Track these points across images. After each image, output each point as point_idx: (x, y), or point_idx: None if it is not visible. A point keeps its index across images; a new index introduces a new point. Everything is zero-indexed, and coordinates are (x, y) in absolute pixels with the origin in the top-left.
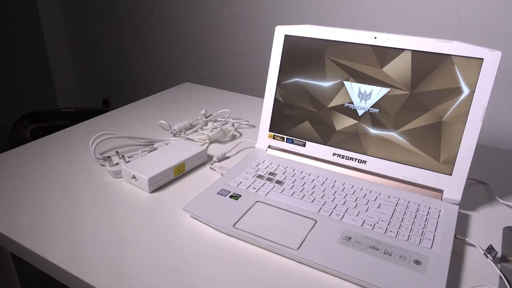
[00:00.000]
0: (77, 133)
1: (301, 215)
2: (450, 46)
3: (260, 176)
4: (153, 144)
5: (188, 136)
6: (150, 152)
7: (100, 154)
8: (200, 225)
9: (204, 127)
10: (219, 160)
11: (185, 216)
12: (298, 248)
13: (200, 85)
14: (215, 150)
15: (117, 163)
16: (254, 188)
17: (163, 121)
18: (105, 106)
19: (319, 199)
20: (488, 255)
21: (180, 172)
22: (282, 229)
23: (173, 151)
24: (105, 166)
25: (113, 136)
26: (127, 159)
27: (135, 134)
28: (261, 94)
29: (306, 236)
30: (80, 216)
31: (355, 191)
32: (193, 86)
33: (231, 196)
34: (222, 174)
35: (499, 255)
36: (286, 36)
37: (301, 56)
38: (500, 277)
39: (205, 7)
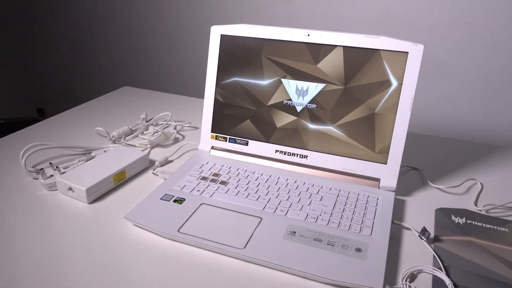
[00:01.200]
0: (6, 145)
1: (246, 214)
2: (377, 41)
3: (204, 178)
4: (91, 153)
5: (129, 142)
6: (87, 161)
7: (33, 167)
8: (144, 233)
9: (145, 132)
10: (162, 165)
11: (128, 225)
12: (244, 247)
13: (139, 89)
14: (157, 154)
15: (51, 175)
16: (198, 191)
17: (101, 128)
18: (40, 115)
19: (264, 196)
20: (422, 237)
21: (121, 179)
22: (228, 230)
23: (113, 159)
24: (38, 179)
25: (46, 147)
26: (62, 170)
27: (70, 143)
28: (202, 94)
29: (252, 234)
30: (13, 234)
31: (298, 186)
32: (132, 90)
33: (175, 201)
34: (165, 179)
35: (432, 235)
36: (222, 36)
37: (238, 55)
38: (434, 256)
39: (140, 8)
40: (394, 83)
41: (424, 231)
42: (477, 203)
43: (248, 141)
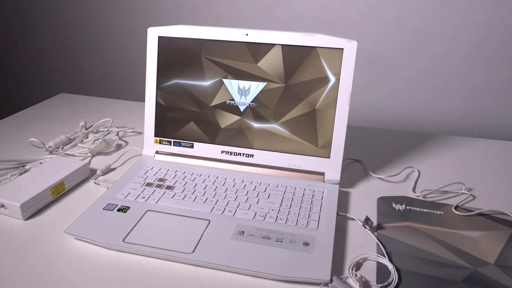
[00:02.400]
0: None
1: (194, 218)
2: (314, 38)
3: (149, 184)
4: (25, 166)
5: (67, 152)
6: (21, 174)
7: None
8: (87, 247)
9: (84, 140)
10: (104, 173)
11: (69, 240)
12: (193, 251)
13: (77, 95)
14: (99, 163)
15: None
16: (143, 198)
17: (34, 139)
18: None
19: (211, 198)
20: (365, 226)
21: (60, 192)
22: (176, 235)
23: (49, 170)
24: None
25: None
26: None
27: (1, 157)
28: (144, 98)
29: (200, 238)
30: None
31: (245, 185)
32: (69, 97)
33: (118, 210)
34: (108, 188)
35: (375, 224)
36: (159, 37)
37: (178, 57)
38: (377, 243)
39: (75, 9)
40: (332, 79)
41: (367, 220)
42: (415, 190)
43: (193, 144)
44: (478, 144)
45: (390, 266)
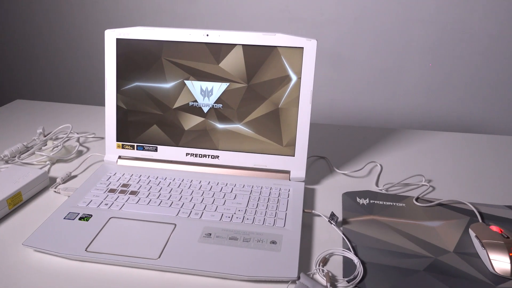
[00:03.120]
0: None
1: (159, 222)
2: (274, 38)
3: (112, 190)
4: None
5: (24, 161)
6: None
7: None
8: (48, 259)
9: (43, 148)
10: (64, 181)
11: (28, 252)
12: (159, 257)
13: (34, 101)
14: (59, 170)
15: None
16: (106, 205)
17: None
18: None
19: (177, 202)
20: (331, 221)
21: (17, 203)
22: (141, 241)
23: (5, 181)
24: None
25: None
26: None
27: None
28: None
29: (167, 242)
30: None
31: (211, 187)
32: (26, 103)
33: (80, 218)
34: (68, 196)
35: (340, 219)
36: (118, 39)
37: (138, 59)
38: (343, 238)
39: (28, 13)
40: (294, 77)
41: (332, 216)
42: (378, 183)
43: (157, 147)
44: (436, 137)
45: (356, 260)
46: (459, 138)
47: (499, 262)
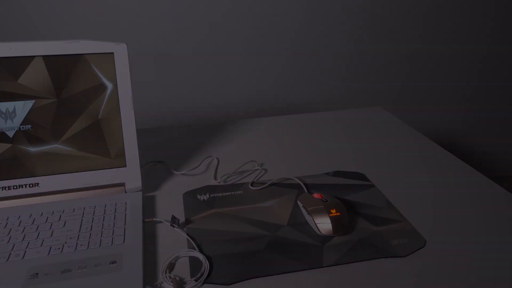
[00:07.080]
0: None
1: None
2: (78, 45)
3: None
4: None
5: None
6: None
7: None
8: None
9: None
10: None
11: None
12: None
13: None
14: None
15: None
16: None
17: None
18: None
19: None
20: (173, 225)
21: None
22: None
23: None
24: None
25: None
26: None
27: None
28: None
29: None
30: None
31: (34, 219)
32: None
33: None
34: None
35: (182, 220)
36: None
37: None
38: (187, 239)
39: None
40: (109, 85)
41: (173, 219)
42: (216, 177)
43: None
44: (264, 122)
45: (201, 257)
46: (281, 121)
47: (322, 224)
